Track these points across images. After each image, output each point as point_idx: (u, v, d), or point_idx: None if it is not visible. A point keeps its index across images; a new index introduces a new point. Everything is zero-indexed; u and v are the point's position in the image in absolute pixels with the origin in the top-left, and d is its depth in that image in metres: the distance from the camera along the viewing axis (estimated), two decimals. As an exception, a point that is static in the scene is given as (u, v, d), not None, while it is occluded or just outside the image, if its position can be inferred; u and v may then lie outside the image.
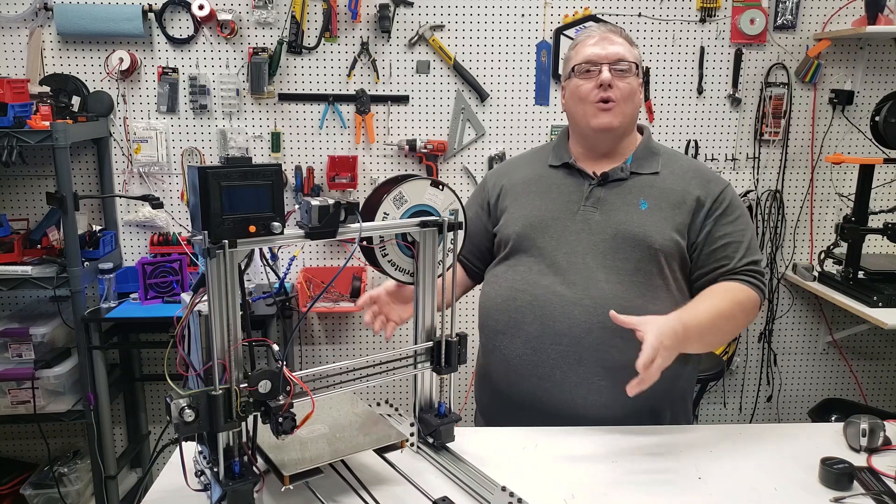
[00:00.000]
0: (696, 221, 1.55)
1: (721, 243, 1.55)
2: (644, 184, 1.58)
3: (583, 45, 1.60)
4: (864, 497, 1.23)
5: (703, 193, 1.56)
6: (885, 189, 3.07)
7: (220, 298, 1.02)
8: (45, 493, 2.80)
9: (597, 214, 1.56)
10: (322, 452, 1.20)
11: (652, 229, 1.52)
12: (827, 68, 2.99)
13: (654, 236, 1.52)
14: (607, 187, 1.59)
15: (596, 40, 1.58)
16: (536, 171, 1.68)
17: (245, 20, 2.83)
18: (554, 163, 1.66)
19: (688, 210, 1.55)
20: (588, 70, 1.56)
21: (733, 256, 1.54)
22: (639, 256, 1.52)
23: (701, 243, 1.56)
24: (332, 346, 3.12)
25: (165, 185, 2.94)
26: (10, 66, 2.80)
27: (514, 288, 1.58)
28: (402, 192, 1.24)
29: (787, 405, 3.31)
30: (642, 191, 1.57)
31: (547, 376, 1.53)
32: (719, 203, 1.56)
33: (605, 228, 1.54)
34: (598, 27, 1.63)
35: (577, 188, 1.61)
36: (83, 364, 2.59)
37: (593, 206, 1.57)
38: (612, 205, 1.57)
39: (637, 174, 1.59)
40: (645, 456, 1.38)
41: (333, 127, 2.93)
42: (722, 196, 1.57)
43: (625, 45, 1.58)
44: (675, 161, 1.64)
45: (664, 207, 1.55)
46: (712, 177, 1.62)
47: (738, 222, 1.57)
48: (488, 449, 1.37)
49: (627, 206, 1.56)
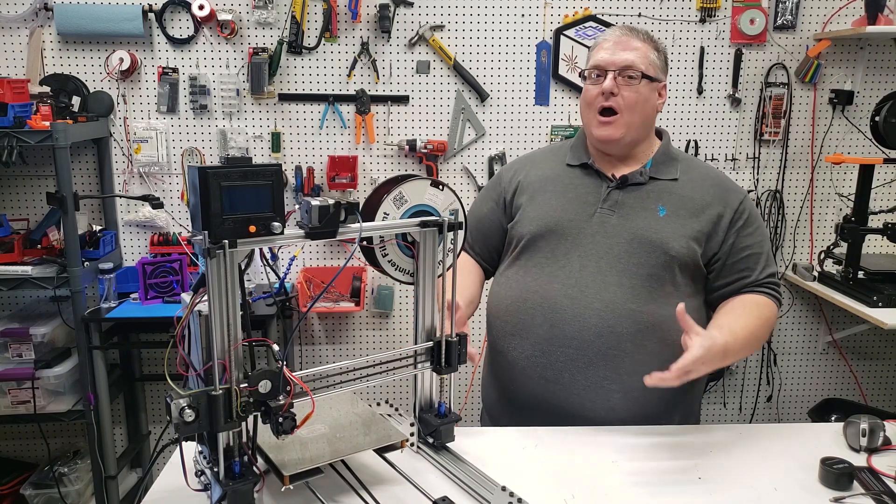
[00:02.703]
0: (718, 233, 1.55)
1: (743, 255, 1.56)
2: (663, 190, 1.57)
3: (598, 49, 1.58)
4: (863, 497, 1.23)
5: (723, 205, 1.56)
6: (885, 189, 3.07)
7: (220, 298, 1.02)
8: (45, 493, 2.80)
9: (613, 218, 1.55)
10: (322, 452, 1.19)
11: (669, 236, 1.52)
12: (827, 68, 2.99)
13: (672, 243, 1.51)
14: (625, 191, 1.57)
15: (610, 44, 1.56)
16: (554, 169, 1.66)
17: (245, 20, 2.83)
18: (572, 162, 1.65)
19: (707, 220, 1.54)
20: (598, 75, 1.56)
21: (755, 268, 1.56)
22: (654, 263, 1.51)
23: (724, 255, 1.56)
24: (332, 346, 3.12)
25: (165, 185, 2.94)
26: (10, 66, 2.80)
27: (524, 289, 1.57)
28: (403, 192, 1.23)
29: (787, 405, 3.31)
30: (660, 197, 1.56)
31: (555, 379, 1.52)
32: (740, 214, 1.57)
33: (622, 232, 1.53)
34: (619, 28, 1.60)
35: (594, 190, 1.59)
36: (83, 364, 2.59)
37: (610, 209, 1.56)
38: (629, 209, 1.55)
39: (656, 179, 1.58)
40: (645, 456, 1.38)
41: (333, 127, 2.93)
42: (742, 207, 1.57)
43: (641, 51, 1.54)
44: (694, 168, 1.63)
45: (682, 215, 1.54)
46: (731, 186, 1.61)
47: (758, 233, 1.59)
48: (488, 449, 1.37)
49: (645, 212, 1.54)
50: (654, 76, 1.55)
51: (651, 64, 1.55)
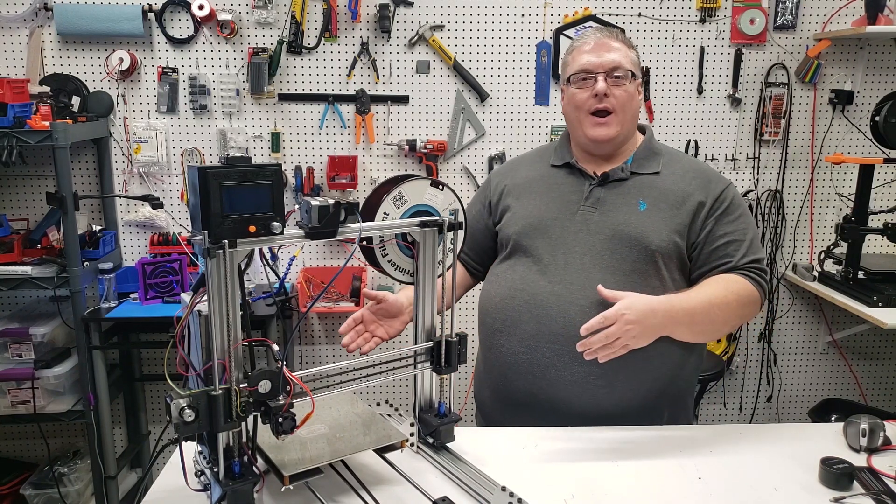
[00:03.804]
0: (697, 222, 1.55)
1: (722, 242, 1.55)
2: (644, 184, 1.58)
3: (579, 52, 1.59)
4: (864, 497, 1.23)
5: (704, 193, 1.56)
6: (885, 189, 3.07)
7: (220, 298, 1.02)
8: (45, 493, 2.80)
9: (595, 215, 1.57)
10: (322, 452, 1.19)
11: (649, 230, 1.52)
12: (827, 68, 2.99)
13: (652, 237, 1.52)
14: (607, 187, 1.59)
15: (591, 47, 1.57)
16: (539, 170, 1.69)
17: (245, 20, 2.83)
18: (556, 162, 1.67)
19: (688, 211, 1.55)
20: (584, 79, 1.56)
21: (734, 255, 1.54)
22: (635, 257, 1.52)
23: (701, 242, 1.55)
24: (332, 346, 3.12)
25: (165, 185, 2.94)
26: (10, 66, 2.80)
27: (512, 287, 1.59)
28: (402, 192, 1.23)
29: (787, 405, 3.31)
30: (641, 191, 1.57)
31: (542, 374, 1.53)
32: (720, 202, 1.56)
33: (603, 229, 1.55)
34: (595, 31, 1.61)
35: (577, 188, 1.61)
36: (83, 364, 2.59)
37: (592, 206, 1.58)
38: (610, 205, 1.57)
39: (637, 174, 1.59)
40: (645, 456, 1.38)
41: (333, 127, 2.93)
42: (723, 195, 1.57)
43: (622, 51, 1.56)
44: (677, 161, 1.64)
45: (663, 208, 1.55)
46: (714, 176, 1.61)
47: (740, 221, 1.57)
48: (488, 449, 1.37)
49: (626, 207, 1.56)
50: (637, 74, 1.58)
51: (633, 62, 1.58)
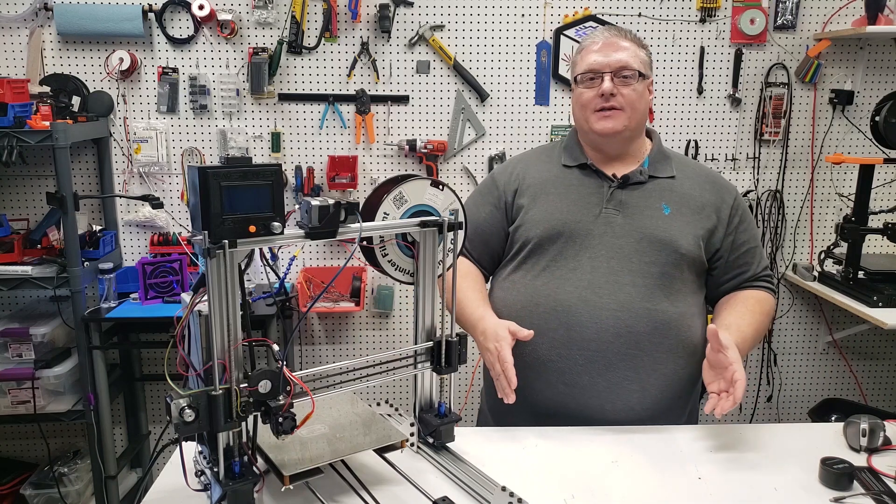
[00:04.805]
0: (719, 230, 1.59)
1: (743, 251, 1.62)
2: (663, 188, 1.59)
3: (587, 52, 1.58)
4: (864, 497, 1.23)
5: (720, 201, 1.60)
6: (885, 189, 3.07)
7: (220, 298, 1.02)
8: (45, 493, 2.80)
9: (619, 217, 1.56)
10: (322, 452, 1.19)
11: (678, 234, 1.54)
12: (827, 68, 2.99)
13: (681, 241, 1.54)
14: (627, 190, 1.58)
15: (599, 46, 1.56)
16: (551, 170, 1.65)
17: (245, 20, 2.83)
18: (569, 163, 1.64)
19: (707, 217, 1.58)
20: (591, 78, 1.56)
21: (752, 263, 1.63)
22: (664, 261, 1.53)
23: (726, 252, 1.61)
24: (332, 346, 3.12)
25: (165, 185, 2.94)
26: (10, 66, 2.80)
27: (535, 293, 1.56)
28: (402, 192, 1.23)
29: (787, 405, 3.31)
30: (662, 195, 1.58)
31: (574, 382, 1.52)
32: (735, 210, 1.61)
33: (630, 232, 1.54)
34: (604, 31, 1.61)
35: (596, 190, 1.59)
36: (83, 364, 2.59)
37: (615, 208, 1.56)
38: (634, 208, 1.56)
39: (654, 178, 1.60)
40: (645, 456, 1.38)
41: (333, 127, 2.93)
42: (736, 203, 1.62)
43: (630, 50, 1.55)
44: (687, 165, 1.67)
45: (685, 213, 1.57)
46: (724, 183, 1.66)
47: (751, 227, 1.65)
48: (488, 449, 1.37)
49: (651, 210, 1.56)
50: (646, 73, 1.57)
51: (642, 62, 1.57)
